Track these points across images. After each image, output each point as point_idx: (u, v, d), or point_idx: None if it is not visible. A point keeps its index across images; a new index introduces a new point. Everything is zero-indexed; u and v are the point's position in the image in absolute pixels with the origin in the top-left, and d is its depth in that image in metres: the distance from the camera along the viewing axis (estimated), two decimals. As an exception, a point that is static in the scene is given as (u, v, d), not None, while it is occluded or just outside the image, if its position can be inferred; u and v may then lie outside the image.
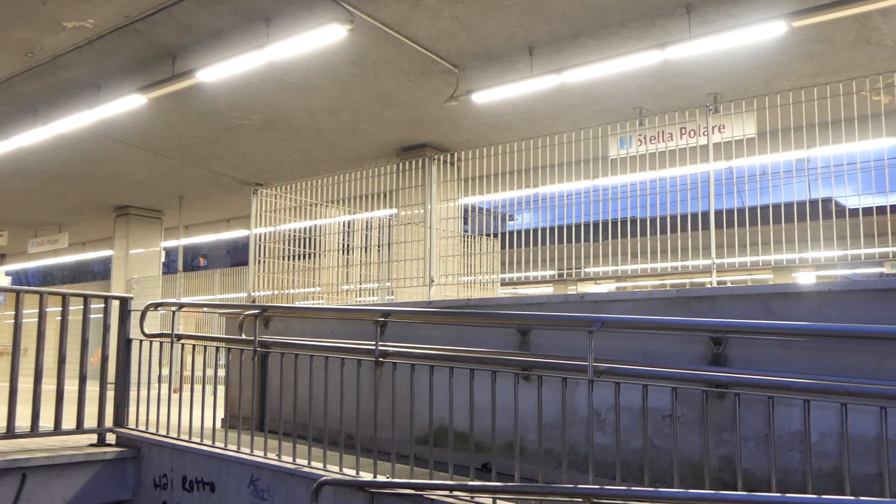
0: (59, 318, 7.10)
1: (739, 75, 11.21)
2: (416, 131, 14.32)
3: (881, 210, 6.73)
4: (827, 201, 6.87)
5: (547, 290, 19.62)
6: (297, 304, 9.58)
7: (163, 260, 22.15)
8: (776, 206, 7.45)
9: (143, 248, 21.36)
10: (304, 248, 10.17)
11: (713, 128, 8.03)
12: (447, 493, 4.90)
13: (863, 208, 6.76)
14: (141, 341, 7.44)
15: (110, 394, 7.44)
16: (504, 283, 12.45)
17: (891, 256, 6.40)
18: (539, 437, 4.87)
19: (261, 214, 9.97)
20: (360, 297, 10.62)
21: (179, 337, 7.37)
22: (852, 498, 3.65)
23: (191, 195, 19.65)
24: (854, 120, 6.82)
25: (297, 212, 10.19)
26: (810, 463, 4.01)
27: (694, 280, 12.73)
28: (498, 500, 4.75)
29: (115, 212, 21.44)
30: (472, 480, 5.01)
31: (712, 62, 10.67)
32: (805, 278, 16.97)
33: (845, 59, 10.59)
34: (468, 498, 4.85)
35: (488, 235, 11.55)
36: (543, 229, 8.80)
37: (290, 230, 10.09)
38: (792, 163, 7.45)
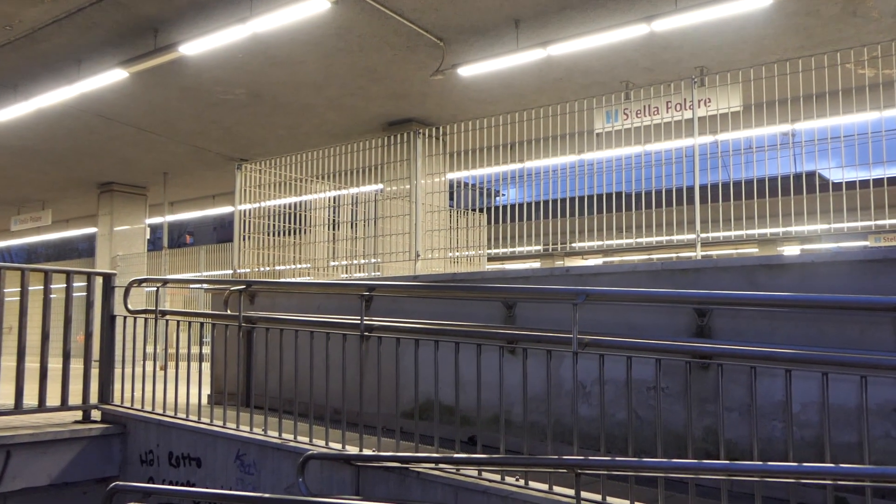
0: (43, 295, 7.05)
1: (726, 49, 11.18)
2: (401, 106, 14.24)
3: (864, 184, 6.75)
4: (811, 175, 6.89)
5: (534, 265, 19.65)
6: (281, 280, 9.54)
7: (148, 237, 22.03)
8: (762, 180, 7.46)
9: (127, 225, 21.21)
10: (291, 223, 10.12)
11: (699, 101, 8.01)
12: (433, 465, 4.92)
13: (847, 182, 6.78)
14: (125, 318, 7.41)
15: (95, 371, 7.41)
16: (491, 259, 12.45)
17: (873, 229, 6.44)
18: (524, 409, 4.89)
19: (246, 190, 9.90)
20: (347, 272, 10.60)
21: (164, 313, 7.33)
22: (832, 465, 3.69)
23: (175, 171, 19.49)
24: (838, 93, 6.82)
25: (282, 187, 10.12)
26: (791, 431, 4.05)
27: (681, 255, 12.77)
28: (483, 473, 4.78)
29: (99, 188, 21.25)
30: (457, 453, 5.04)
31: (699, 35, 10.63)
32: (790, 252, 17.10)
33: (831, 32, 10.57)
34: (454, 470, 4.88)
35: (475, 210, 11.53)
36: (530, 204, 8.78)
37: (276, 206, 10.03)
38: (776, 136, 7.44)
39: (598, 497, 4.26)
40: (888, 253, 4.68)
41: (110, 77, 11.77)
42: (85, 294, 7.49)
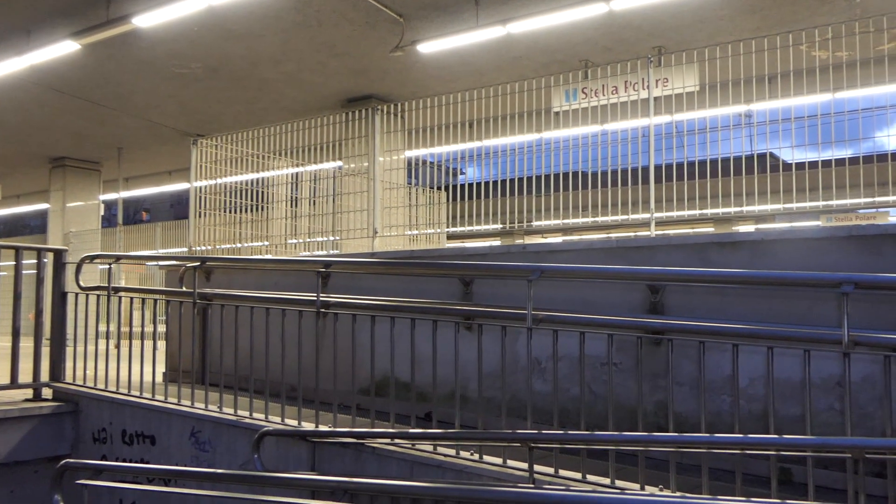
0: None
1: (683, 29, 11.27)
2: (361, 82, 14.12)
3: (817, 164, 6.88)
4: (763, 156, 7.00)
5: (494, 243, 19.70)
6: (236, 257, 9.44)
7: (102, 213, 21.59)
8: (720, 160, 7.55)
9: (81, 201, 20.76)
10: (248, 200, 10.00)
11: (656, 81, 8.07)
12: (388, 441, 4.95)
13: (797, 163, 6.91)
14: (77, 295, 7.27)
15: (46, 349, 7.28)
16: (451, 237, 12.47)
17: (821, 209, 6.58)
18: (479, 385, 4.93)
19: (202, 166, 9.75)
20: (306, 249, 10.53)
21: (117, 290, 7.21)
22: (776, 436, 3.79)
23: (130, 146, 19.10)
24: (792, 74, 6.93)
25: (240, 163, 9.99)
26: (738, 404, 4.15)
27: (639, 234, 12.92)
28: (438, 447, 4.82)
29: (51, 163, 20.75)
30: (413, 429, 5.06)
31: (657, 15, 10.70)
32: (745, 231, 17.40)
33: (786, 14, 10.72)
34: (409, 445, 4.91)
35: (435, 188, 11.51)
36: (488, 183, 8.80)
37: (233, 182, 9.90)
38: (730, 117, 7.54)
39: (550, 470, 4.32)
40: (835, 231, 4.80)
41: (61, 49, 11.48)
42: (35, 271, 7.34)
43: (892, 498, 3.63)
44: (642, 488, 4.01)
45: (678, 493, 3.89)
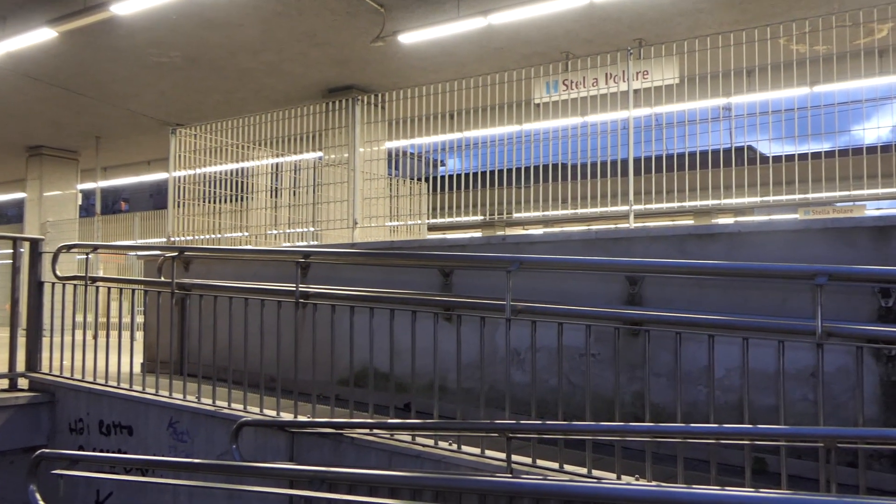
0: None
1: (663, 22, 11.31)
2: (342, 72, 14.04)
3: (791, 158, 6.93)
4: (741, 149, 7.04)
5: (476, 234, 19.71)
6: (214, 247, 9.38)
7: (80, 203, 21.35)
8: (700, 153, 7.60)
9: (58, 190, 20.52)
10: (228, 190, 9.94)
11: (637, 73, 8.09)
12: (367, 431, 4.96)
13: (776, 156, 6.96)
14: (53, 284, 7.21)
15: (23, 340, 7.22)
16: (432, 228, 12.46)
17: (797, 201, 6.64)
18: (458, 375, 4.94)
19: (180, 156, 9.67)
20: (288, 240, 10.48)
21: (94, 279, 7.15)
22: (750, 426, 3.84)
23: (108, 135, 18.89)
24: (772, 68, 6.97)
25: (219, 153, 9.91)
26: (713, 394, 4.19)
27: (620, 226, 12.96)
28: (417, 438, 4.83)
29: (28, 152, 20.49)
30: (391, 419, 5.07)
31: (637, 7, 10.73)
32: (723, 224, 17.49)
33: (765, 7, 10.79)
34: (388, 436, 4.92)
35: (417, 179, 11.48)
36: (468, 174, 8.79)
37: (212, 172, 9.83)
38: (708, 110, 7.58)
39: (528, 460, 4.35)
40: (811, 224, 4.86)
41: (38, 36, 11.33)
42: (10, 261, 7.26)
43: (863, 487, 3.69)
44: (619, 478, 4.04)
45: (654, 483, 3.93)
